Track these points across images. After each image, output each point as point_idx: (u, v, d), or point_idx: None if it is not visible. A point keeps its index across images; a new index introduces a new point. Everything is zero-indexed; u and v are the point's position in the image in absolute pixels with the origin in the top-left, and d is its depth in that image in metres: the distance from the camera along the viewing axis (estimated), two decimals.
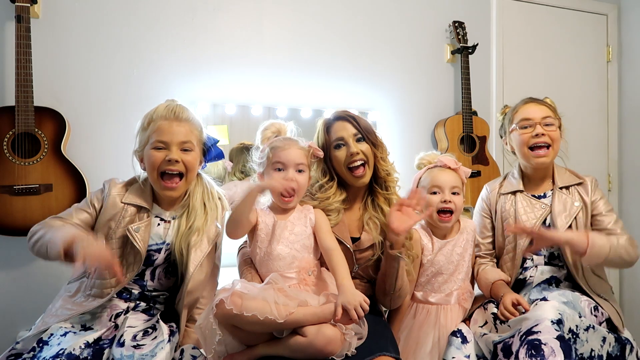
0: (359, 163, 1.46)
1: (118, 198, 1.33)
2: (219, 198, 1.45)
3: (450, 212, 1.54)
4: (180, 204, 1.39)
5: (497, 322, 1.45)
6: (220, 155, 1.48)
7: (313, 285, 1.33)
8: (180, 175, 1.32)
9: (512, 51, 2.67)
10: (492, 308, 1.50)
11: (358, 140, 1.48)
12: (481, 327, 1.48)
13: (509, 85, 2.66)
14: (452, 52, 2.53)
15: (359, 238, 1.49)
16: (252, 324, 1.16)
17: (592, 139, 2.84)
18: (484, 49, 2.59)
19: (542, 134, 1.59)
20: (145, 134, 1.32)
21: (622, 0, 2.88)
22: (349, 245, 1.46)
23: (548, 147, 1.59)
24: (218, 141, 1.47)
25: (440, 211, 1.54)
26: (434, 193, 1.56)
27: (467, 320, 1.55)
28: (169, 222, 1.37)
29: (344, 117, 1.50)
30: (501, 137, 1.78)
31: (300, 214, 1.40)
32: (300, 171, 1.36)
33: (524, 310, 1.39)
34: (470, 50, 2.45)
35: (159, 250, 1.35)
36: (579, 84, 2.80)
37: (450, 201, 1.53)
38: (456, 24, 2.49)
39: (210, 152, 1.44)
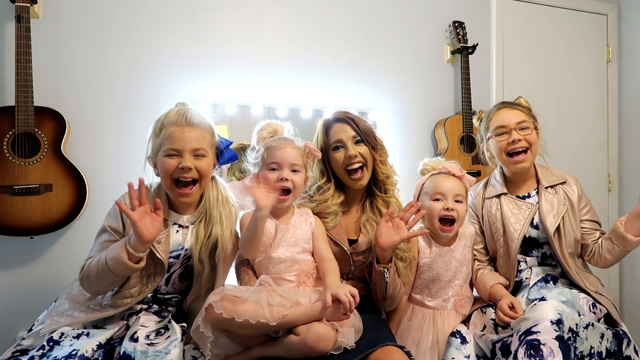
0: (356, 166, 1.46)
1: None
2: (232, 205, 1.43)
3: (452, 221, 1.51)
4: (197, 209, 1.37)
5: (499, 328, 1.45)
6: (234, 158, 1.45)
7: (312, 287, 1.34)
8: (194, 182, 1.31)
9: (512, 51, 2.67)
10: (491, 313, 1.50)
11: (357, 143, 1.48)
12: (481, 331, 1.48)
13: (509, 85, 2.66)
14: (452, 52, 2.53)
15: (356, 240, 1.49)
16: (244, 328, 1.16)
17: (592, 139, 2.84)
18: (483, 49, 2.59)
19: (519, 140, 1.59)
20: (158, 140, 1.30)
21: (622, 0, 2.88)
22: (346, 248, 1.46)
23: (526, 150, 1.60)
24: (232, 143, 1.45)
25: (442, 220, 1.51)
26: (437, 200, 1.52)
27: (466, 322, 1.54)
28: (187, 227, 1.35)
29: (343, 118, 1.50)
30: (480, 142, 1.77)
31: (301, 217, 1.40)
32: (295, 171, 1.36)
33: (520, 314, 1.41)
34: (470, 50, 2.45)
35: (177, 257, 1.34)
36: (579, 84, 2.80)
37: (453, 209, 1.50)
38: (456, 24, 2.49)
39: (223, 155, 1.42)
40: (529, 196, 1.64)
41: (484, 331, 1.47)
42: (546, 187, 1.62)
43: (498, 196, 1.66)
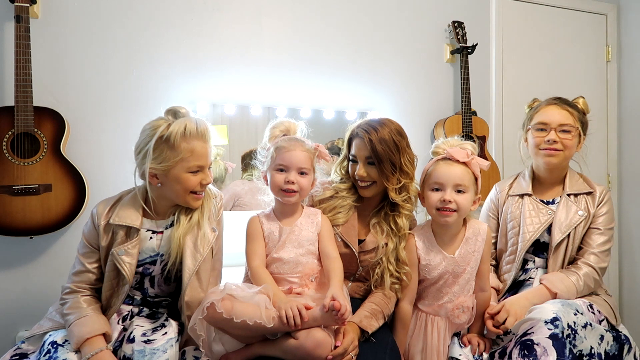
0: (362, 185, 1.46)
1: (104, 221, 1.29)
2: (214, 196, 1.43)
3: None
4: (171, 209, 1.37)
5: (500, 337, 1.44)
6: None
7: (314, 290, 1.33)
8: None
9: (512, 51, 2.67)
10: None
11: (369, 164, 1.44)
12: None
13: (509, 85, 2.66)
14: (452, 52, 2.53)
15: (364, 240, 1.49)
16: (241, 329, 1.16)
17: (592, 138, 2.78)
18: (483, 49, 2.59)
19: (555, 141, 1.56)
20: (176, 154, 1.23)
21: (621, 0, 2.88)
22: (355, 250, 1.45)
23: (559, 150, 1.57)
24: None
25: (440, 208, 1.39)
26: (435, 190, 1.39)
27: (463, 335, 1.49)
28: (161, 232, 1.34)
29: (363, 137, 1.43)
30: (522, 128, 1.74)
31: (307, 219, 1.39)
32: (302, 173, 1.36)
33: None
34: (469, 50, 2.45)
35: (153, 262, 1.33)
36: (579, 83, 2.80)
37: (450, 201, 1.35)
38: (455, 24, 2.49)
39: None
40: (553, 202, 1.61)
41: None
42: (568, 195, 1.59)
43: (522, 196, 1.64)
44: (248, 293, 1.21)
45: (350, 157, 1.50)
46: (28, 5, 1.75)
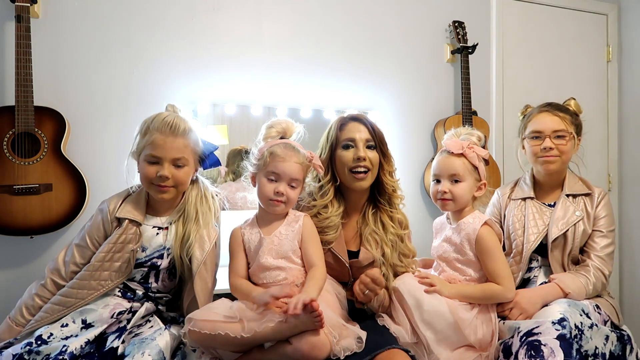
0: (362, 169, 1.42)
1: (114, 215, 1.35)
2: (213, 197, 1.45)
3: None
4: (176, 208, 1.40)
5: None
6: (217, 163, 1.46)
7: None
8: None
9: (512, 51, 2.67)
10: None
11: (368, 147, 1.44)
12: None
13: (509, 85, 2.66)
14: (452, 52, 2.53)
15: (356, 253, 1.46)
16: (225, 344, 1.18)
17: (592, 138, 2.83)
18: (483, 49, 2.59)
19: (551, 148, 1.58)
20: (142, 142, 1.32)
21: (622, 0, 2.88)
22: (345, 262, 1.43)
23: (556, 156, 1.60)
24: (217, 148, 1.45)
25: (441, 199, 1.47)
26: (436, 181, 1.48)
27: None
28: (166, 228, 1.38)
29: (361, 119, 1.48)
30: (518, 136, 1.76)
31: (288, 227, 1.36)
32: (292, 186, 1.34)
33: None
34: (470, 50, 2.45)
35: (161, 256, 1.37)
36: (579, 83, 2.80)
37: (445, 192, 1.43)
38: (456, 24, 2.49)
39: (206, 161, 1.43)
40: (554, 205, 1.63)
41: None
42: (567, 195, 1.62)
43: (524, 199, 1.67)
44: (220, 309, 1.22)
45: (344, 143, 1.44)
46: (29, 4, 1.75)
